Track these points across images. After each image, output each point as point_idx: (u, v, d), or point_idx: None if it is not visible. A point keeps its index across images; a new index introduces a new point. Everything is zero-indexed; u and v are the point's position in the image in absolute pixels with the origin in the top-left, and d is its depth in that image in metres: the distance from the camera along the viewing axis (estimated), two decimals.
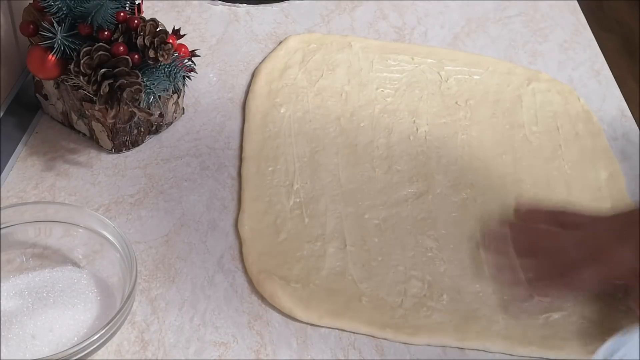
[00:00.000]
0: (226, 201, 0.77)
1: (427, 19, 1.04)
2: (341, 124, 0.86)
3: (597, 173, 0.84)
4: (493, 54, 0.99)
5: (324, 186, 0.79)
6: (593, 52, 1.02)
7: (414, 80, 0.93)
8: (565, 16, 1.08)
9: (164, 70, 0.74)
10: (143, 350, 0.64)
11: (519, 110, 0.90)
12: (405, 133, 0.86)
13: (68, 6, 0.72)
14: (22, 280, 0.65)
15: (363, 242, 0.74)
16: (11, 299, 0.64)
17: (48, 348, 0.61)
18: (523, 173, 0.83)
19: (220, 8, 1.02)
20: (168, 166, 0.80)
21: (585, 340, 0.68)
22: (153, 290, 0.69)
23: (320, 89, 0.90)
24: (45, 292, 0.64)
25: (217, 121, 0.86)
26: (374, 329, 0.67)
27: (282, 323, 0.67)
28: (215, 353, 0.65)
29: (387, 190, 0.79)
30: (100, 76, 0.71)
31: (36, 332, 0.62)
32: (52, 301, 0.64)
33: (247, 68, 0.93)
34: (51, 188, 0.76)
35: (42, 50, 0.73)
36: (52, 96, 0.80)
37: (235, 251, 0.72)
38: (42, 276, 0.66)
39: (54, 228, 0.68)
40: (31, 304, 0.64)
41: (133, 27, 0.73)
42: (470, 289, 0.71)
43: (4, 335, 0.61)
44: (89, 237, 0.67)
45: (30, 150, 0.79)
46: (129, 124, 0.78)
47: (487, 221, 0.76)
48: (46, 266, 0.67)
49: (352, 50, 0.95)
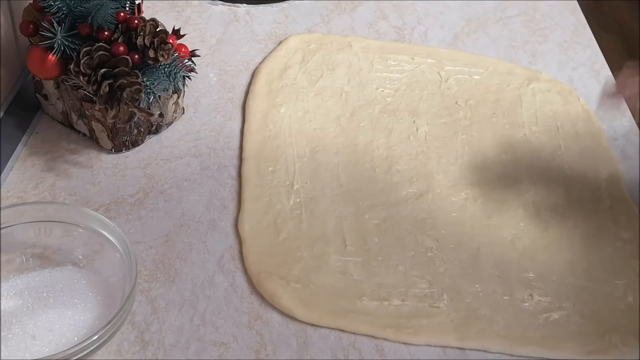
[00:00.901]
0: (226, 201, 0.77)
1: (427, 19, 1.04)
2: (341, 124, 0.86)
3: (597, 173, 0.84)
4: (493, 54, 0.99)
5: (324, 186, 0.79)
6: (593, 52, 1.02)
7: (414, 80, 0.93)
8: (565, 16, 1.07)
9: (164, 70, 0.74)
10: (143, 351, 0.64)
11: (519, 110, 0.90)
12: (405, 133, 0.86)
13: (68, 6, 0.72)
14: (22, 280, 0.65)
15: (363, 242, 0.74)
16: (11, 299, 0.64)
17: (48, 348, 0.61)
18: (523, 173, 0.83)
19: (220, 8, 1.02)
20: (168, 166, 0.80)
21: (585, 340, 0.68)
22: (153, 290, 0.68)
23: (320, 89, 0.90)
24: (45, 292, 0.64)
25: (217, 121, 0.86)
26: (374, 329, 0.67)
27: (282, 323, 0.67)
28: (215, 353, 0.65)
29: (387, 190, 0.79)
30: (100, 76, 0.71)
31: (36, 332, 0.62)
32: (52, 301, 0.64)
33: (247, 68, 0.93)
34: (51, 188, 0.76)
35: (42, 50, 0.73)
36: (52, 96, 0.80)
37: (235, 251, 0.72)
38: (42, 276, 0.66)
39: (54, 228, 0.68)
40: (31, 304, 0.64)
41: (133, 27, 0.73)
42: (470, 289, 0.71)
43: (4, 335, 0.61)
44: (89, 237, 0.67)
45: (30, 150, 0.79)
46: (129, 124, 0.78)
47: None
48: (46, 266, 0.67)
49: (352, 50, 0.95)
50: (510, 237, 0.76)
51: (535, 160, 0.85)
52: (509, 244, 0.75)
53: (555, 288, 0.72)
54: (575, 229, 0.78)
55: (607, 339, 0.68)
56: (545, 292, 0.71)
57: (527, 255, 0.75)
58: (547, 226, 0.78)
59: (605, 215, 0.79)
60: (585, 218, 0.79)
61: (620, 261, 0.75)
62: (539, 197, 0.80)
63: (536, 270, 0.73)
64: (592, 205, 0.80)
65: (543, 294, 0.71)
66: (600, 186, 0.82)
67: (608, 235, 0.77)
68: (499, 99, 0.92)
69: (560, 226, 0.78)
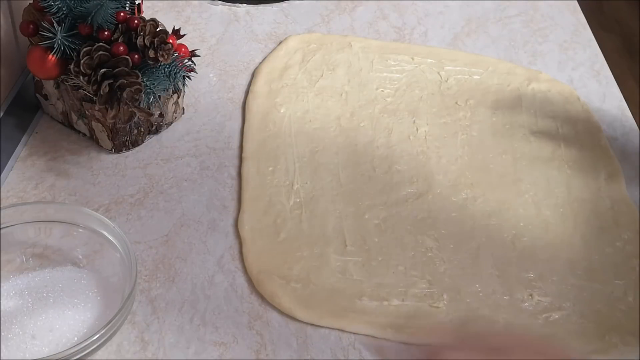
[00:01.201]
0: (226, 201, 0.77)
1: (427, 19, 1.04)
2: (341, 124, 0.86)
3: (597, 173, 0.84)
4: (493, 54, 0.99)
5: (324, 186, 0.79)
6: (593, 52, 1.02)
7: (414, 80, 0.93)
8: (565, 16, 1.07)
9: (164, 70, 0.74)
10: (143, 350, 0.64)
11: (519, 111, 0.90)
12: (405, 133, 0.86)
13: (68, 6, 0.72)
14: (22, 280, 0.65)
15: (363, 242, 0.74)
16: (11, 298, 0.64)
17: (48, 348, 0.61)
18: (523, 173, 0.83)
19: (220, 8, 1.02)
20: (168, 166, 0.80)
21: (585, 340, 0.68)
22: (153, 290, 0.68)
23: (320, 89, 0.90)
24: (45, 292, 0.64)
25: (217, 121, 0.86)
26: (375, 329, 0.67)
27: (282, 323, 0.67)
28: (215, 353, 0.65)
29: (387, 190, 0.79)
30: (100, 76, 0.71)
31: (36, 332, 0.62)
32: (52, 301, 0.64)
33: (247, 68, 0.93)
34: (51, 188, 0.76)
35: (42, 50, 0.73)
36: (52, 96, 0.80)
37: (235, 251, 0.72)
38: (42, 276, 0.66)
39: (54, 228, 0.68)
40: (31, 304, 0.64)
41: (133, 27, 0.73)
42: (470, 289, 0.71)
43: (4, 336, 0.61)
44: (89, 237, 0.67)
45: (30, 150, 0.79)
46: (129, 124, 0.78)
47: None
48: (46, 266, 0.67)
49: (352, 50, 0.95)
50: (510, 237, 0.76)
51: (535, 160, 0.85)
52: (509, 244, 0.75)
53: (555, 288, 0.72)
54: (575, 229, 0.78)
55: (607, 339, 0.68)
56: (545, 292, 0.71)
57: (527, 255, 0.75)
58: (547, 226, 0.78)
59: (606, 215, 0.79)
60: (585, 218, 0.79)
61: (620, 261, 0.75)
62: (539, 197, 0.80)
63: (536, 270, 0.73)
64: (592, 205, 0.80)
65: (543, 294, 0.71)
66: (600, 186, 0.82)
67: (608, 235, 0.77)
68: (499, 99, 0.92)
69: (560, 226, 0.78)
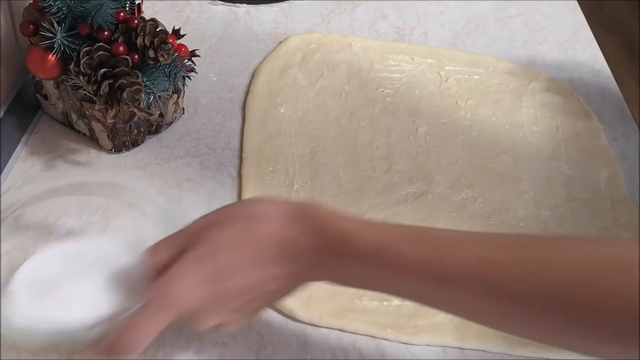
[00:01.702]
0: (226, 201, 0.77)
1: (427, 19, 1.04)
2: (341, 124, 0.86)
3: (597, 173, 0.84)
4: (493, 54, 0.99)
5: (324, 186, 0.79)
6: (593, 52, 1.02)
7: (414, 80, 0.93)
8: (565, 16, 1.07)
9: (164, 70, 0.74)
10: (143, 350, 0.64)
11: (519, 110, 0.90)
12: (405, 133, 0.86)
13: (68, 6, 0.72)
14: (70, 248, 0.64)
15: None
16: (54, 264, 0.63)
17: (80, 316, 0.59)
18: (523, 173, 0.83)
19: (220, 8, 1.02)
20: (168, 166, 0.80)
21: None
22: None
23: (320, 89, 0.90)
24: (85, 264, 0.63)
25: (217, 121, 0.86)
26: (375, 329, 0.67)
27: (282, 323, 0.67)
28: (215, 353, 0.65)
29: (387, 190, 0.79)
30: (100, 76, 0.71)
31: (72, 300, 0.60)
32: (92, 273, 0.63)
33: (247, 68, 0.93)
34: None
35: (42, 50, 0.73)
36: (52, 96, 0.80)
37: None
38: (87, 247, 0.65)
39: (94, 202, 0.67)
40: (72, 272, 0.62)
41: (133, 27, 0.73)
42: None
43: (42, 301, 0.60)
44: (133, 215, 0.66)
45: (30, 150, 0.79)
46: (129, 124, 0.78)
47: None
48: (89, 239, 0.66)
49: (352, 50, 0.95)
50: None
51: (535, 160, 0.85)
52: None
53: None
54: (575, 229, 0.78)
55: None
56: None
57: None
58: (547, 226, 0.78)
59: (605, 215, 0.79)
60: (585, 218, 0.79)
61: None
62: (539, 197, 0.80)
63: None
64: (592, 205, 0.80)
65: None
66: (600, 186, 0.82)
67: (608, 235, 0.77)
68: (499, 99, 0.92)
69: (560, 226, 0.78)
